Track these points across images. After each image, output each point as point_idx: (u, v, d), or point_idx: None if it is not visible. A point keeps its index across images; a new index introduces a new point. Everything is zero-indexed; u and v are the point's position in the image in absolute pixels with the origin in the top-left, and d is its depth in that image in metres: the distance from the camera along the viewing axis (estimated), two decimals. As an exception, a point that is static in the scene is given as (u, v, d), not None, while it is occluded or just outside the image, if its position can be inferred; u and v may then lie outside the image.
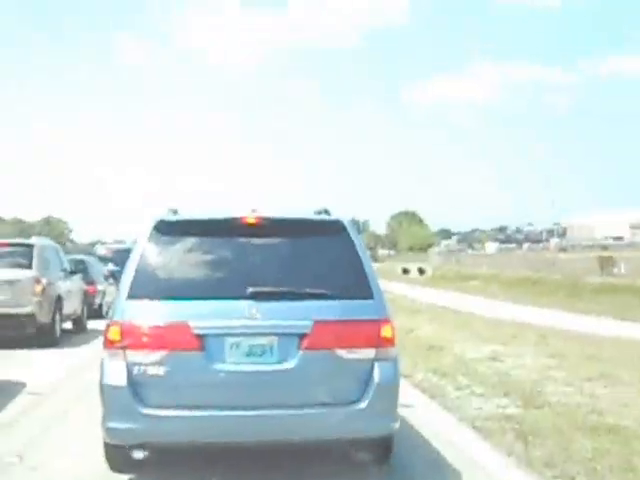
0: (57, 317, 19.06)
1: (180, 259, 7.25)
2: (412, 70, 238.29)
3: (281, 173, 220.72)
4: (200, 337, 6.82)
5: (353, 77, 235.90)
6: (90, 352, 15.42)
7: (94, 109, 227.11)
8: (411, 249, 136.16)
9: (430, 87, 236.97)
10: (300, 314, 6.91)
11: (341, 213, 7.87)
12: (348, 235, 7.40)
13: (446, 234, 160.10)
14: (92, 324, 22.03)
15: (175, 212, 7.80)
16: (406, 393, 11.01)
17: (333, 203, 8.78)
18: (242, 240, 7.36)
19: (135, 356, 6.82)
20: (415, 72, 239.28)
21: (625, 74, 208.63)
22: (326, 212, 7.90)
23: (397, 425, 7.23)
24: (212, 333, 6.85)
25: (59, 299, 19.37)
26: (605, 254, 66.57)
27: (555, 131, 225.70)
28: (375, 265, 8.64)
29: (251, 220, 7.40)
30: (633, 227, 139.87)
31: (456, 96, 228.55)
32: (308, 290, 7.06)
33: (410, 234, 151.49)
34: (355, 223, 8.35)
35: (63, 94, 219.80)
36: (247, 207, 7.67)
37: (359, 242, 7.47)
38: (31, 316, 18.00)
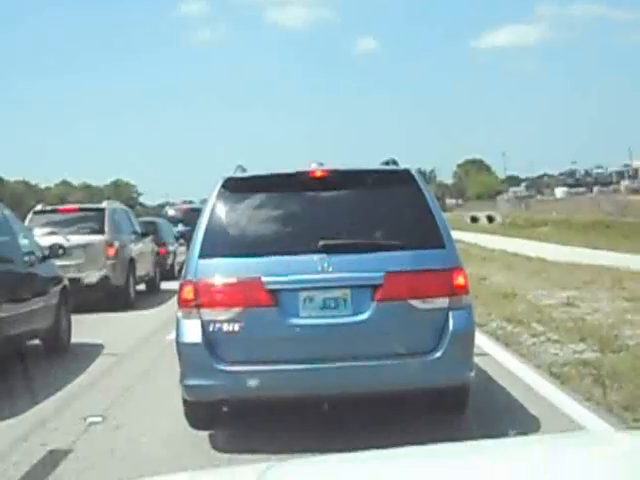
0: (131, 279, 19.32)
1: (250, 216, 7.28)
2: (479, 15, 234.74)
3: (345, 124, 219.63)
4: (273, 292, 6.86)
5: (417, 25, 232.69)
6: (165, 313, 15.59)
7: (153, 71, 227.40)
8: (479, 197, 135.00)
9: (497, 32, 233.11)
10: (372, 266, 6.90)
11: (407, 163, 7.82)
12: (417, 185, 7.36)
13: (514, 181, 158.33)
14: (165, 285, 22.29)
15: (243, 169, 7.83)
16: (481, 342, 11.01)
17: (399, 153, 8.73)
18: (311, 194, 7.36)
19: (209, 314, 6.88)
20: (482, 17, 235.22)
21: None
22: (394, 162, 7.86)
23: (473, 374, 7.22)
24: (285, 288, 6.88)
25: (132, 261, 19.61)
26: (679, 194, 65.47)
27: (622, 71, 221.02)
28: (444, 215, 8.58)
29: (319, 173, 7.39)
30: None
31: (523, 40, 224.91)
32: (379, 241, 7.06)
33: (478, 182, 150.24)
34: (422, 173, 8.30)
35: (126, 57, 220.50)
36: (313, 161, 7.66)
37: (428, 191, 7.42)
38: (105, 279, 18.24)
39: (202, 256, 7.05)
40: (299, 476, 2.03)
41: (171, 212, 39.22)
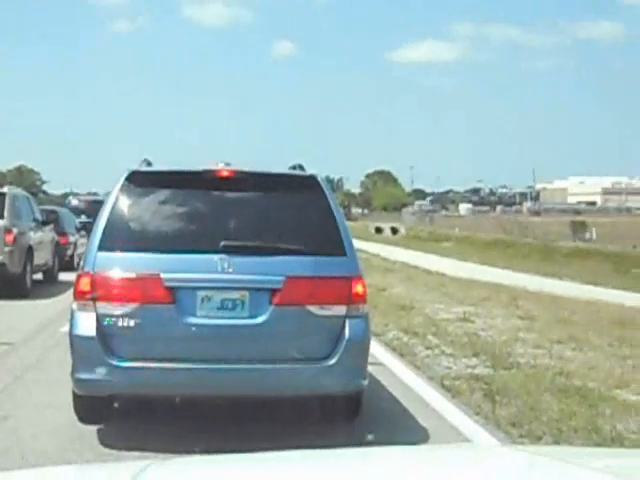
0: (28, 268, 18.92)
1: (153, 211, 7.21)
2: (394, 31, 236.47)
3: (254, 130, 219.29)
4: (171, 290, 6.81)
5: (331, 35, 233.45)
6: (61, 304, 15.34)
7: (66, 59, 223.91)
8: (385, 209, 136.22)
9: (410, 49, 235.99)
10: (272, 269, 6.90)
11: (316, 170, 7.84)
12: (322, 191, 7.38)
13: (420, 194, 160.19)
14: (63, 276, 21.92)
15: (149, 164, 7.75)
16: (376, 351, 11.09)
17: (308, 160, 8.76)
18: (216, 193, 7.33)
19: (105, 308, 6.80)
20: (397, 34, 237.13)
21: (608, 38, 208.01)
22: (300, 167, 7.87)
23: (366, 382, 7.26)
24: (183, 286, 6.84)
25: (30, 249, 19.21)
26: (578, 219, 67.02)
27: (533, 96, 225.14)
28: (349, 223, 8.63)
29: (225, 173, 7.36)
30: (605, 193, 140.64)
31: (436, 57, 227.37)
32: (281, 245, 7.05)
33: (384, 194, 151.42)
34: (329, 181, 8.33)
35: (39, 43, 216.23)
36: (220, 161, 7.63)
37: (333, 198, 7.45)
38: (1, 266, 17.86)
39: (101, 249, 6.96)
40: (178, 475, 2.02)
41: (74, 202, 38.61)
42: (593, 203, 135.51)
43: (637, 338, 12.82)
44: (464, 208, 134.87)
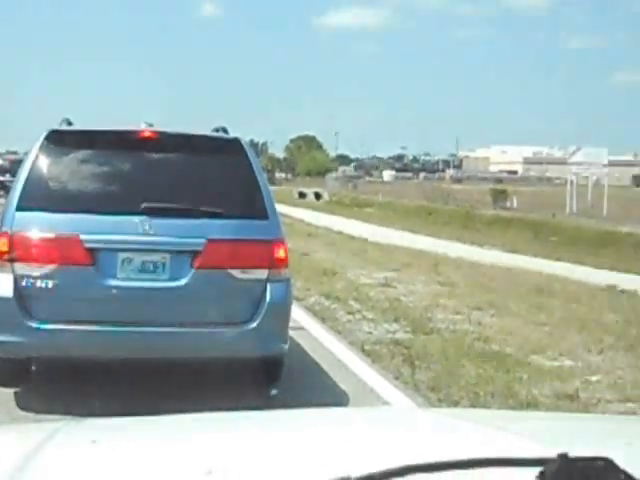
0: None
1: (73, 171, 7.11)
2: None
3: (179, 92, 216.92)
4: (91, 251, 6.73)
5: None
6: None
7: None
8: (309, 174, 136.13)
9: (336, 14, 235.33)
10: (194, 232, 6.86)
11: (240, 134, 7.80)
12: (245, 154, 7.34)
13: (345, 160, 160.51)
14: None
15: (69, 123, 7.62)
16: (298, 316, 11.11)
17: (233, 123, 8.69)
18: (137, 154, 7.25)
19: (23, 269, 6.69)
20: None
21: (530, 8, 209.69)
22: (224, 130, 7.81)
23: (287, 346, 7.28)
24: (104, 247, 6.77)
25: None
26: (499, 187, 67.81)
27: (458, 64, 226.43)
28: (272, 188, 8.61)
29: (147, 134, 7.28)
30: (526, 162, 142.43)
31: (363, 23, 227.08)
32: (203, 208, 7.01)
33: (309, 159, 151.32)
34: (253, 145, 8.29)
35: None
36: (142, 121, 7.54)
37: (256, 162, 7.42)
38: None
39: (19, 209, 6.84)
40: (95, 434, 2.00)
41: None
42: (515, 172, 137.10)
43: (554, 305, 13.07)
44: (387, 174, 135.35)
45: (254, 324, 6.92)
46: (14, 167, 31.24)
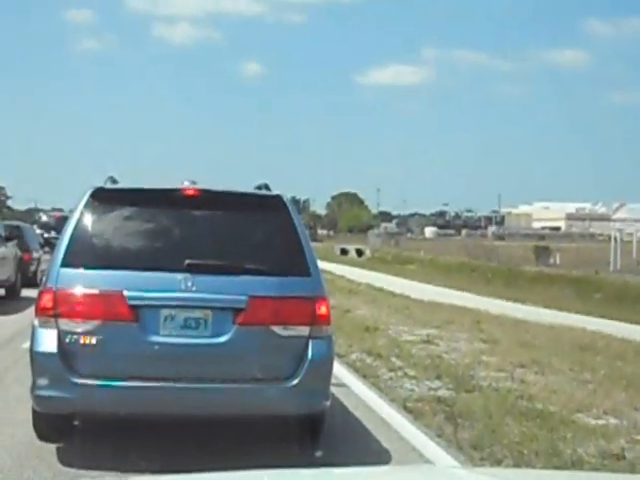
0: (-11, 283, 18.79)
1: (117, 228, 7.19)
2: (363, 53, 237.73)
3: (222, 149, 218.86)
4: (134, 308, 6.78)
5: (300, 57, 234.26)
6: (23, 320, 15.19)
7: (34, 75, 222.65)
8: (351, 230, 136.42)
9: (379, 72, 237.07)
10: (236, 289, 6.89)
11: (282, 191, 7.85)
12: (287, 212, 7.38)
13: (386, 217, 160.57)
14: (26, 292, 21.73)
15: (114, 181, 7.73)
16: (340, 373, 11.09)
17: (275, 180, 8.76)
18: (181, 212, 7.31)
19: (67, 324, 6.76)
20: (366, 55, 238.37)
21: (572, 65, 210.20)
22: (266, 187, 7.87)
23: (328, 403, 7.26)
24: (147, 304, 6.81)
25: (-8, 265, 19.07)
26: (541, 244, 67.44)
27: (500, 120, 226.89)
28: (314, 244, 8.65)
29: (190, 192, 7.36)
30: (569, 218, 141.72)
31: (404, 81, 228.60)
32: (245, 265, 7.05)
33: (350, 215, 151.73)
34: (295, 201, 8.35)
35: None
36: (186, 179, 7.62)
37: (298, 219, 7.46)
38: (-37, 281, 17.72)
39: (64, 265, 6.92)
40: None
41: (44, 218, 38.88)
42: (557, 228, 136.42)
43: (597, 362, 12.92)
44: (429, 231, 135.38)
45: (296, 381, 6.91)
46: (59, 224, 31.68)
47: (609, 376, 11.69)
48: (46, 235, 29.56)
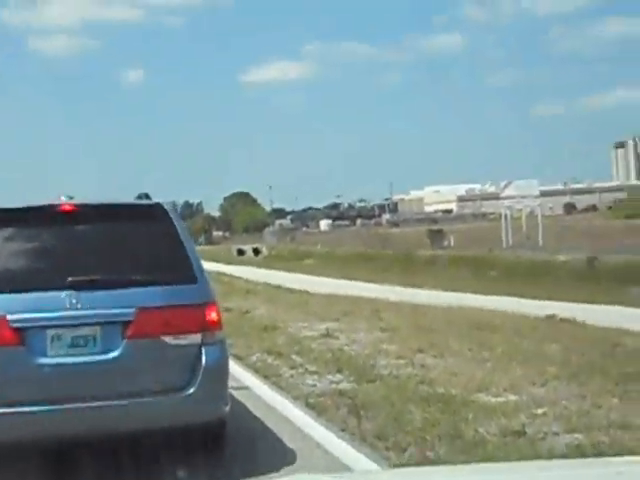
0: None
1: None
2: (245, 51, 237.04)
3: (109, 160, 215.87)
4: (19, 330, 6.60)
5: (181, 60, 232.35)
6: None
7: None
8: (246, 230, 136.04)
9: (260, 69, 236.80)
10: (122, 302, 6.76)
11: (172, 196, 7.74)
12: (169, 219, 7.28)
13: (280, 214, 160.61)
14: None
15: (-13, 202, 7.51)
16: (241, 375, 11.03)
17: (164, 187, 8.63)
18: (60, 228, 7.14)
19: None
20: (248, 54, 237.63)
21: (449, 50, 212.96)
22: (147, 196, 7.78)
23: (228, 408, 7.19)
24: (32, 326, 6.63)
25: None
26: (435, 227, 68.31)
27: (385, 109, 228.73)
28: (210, 248, 8.56)
29: (68, 207, 7.19)
30: (460, 200, 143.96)
31: (288, 77, 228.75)
32: (130, 277, 6.92)
33: (244, 215, 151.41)
34: (188, 205, 8.24)
35: None
36: (62, 194, 7.45)
37: (181, 226, 7.36)
38: None
39: None
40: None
41: None
42: (449, 211, 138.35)
43: (496, 340, 13.10)
44: (324, 224, 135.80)
45: (192, 389, 6.82)
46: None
47: (507, 353, 11.86)
48: None
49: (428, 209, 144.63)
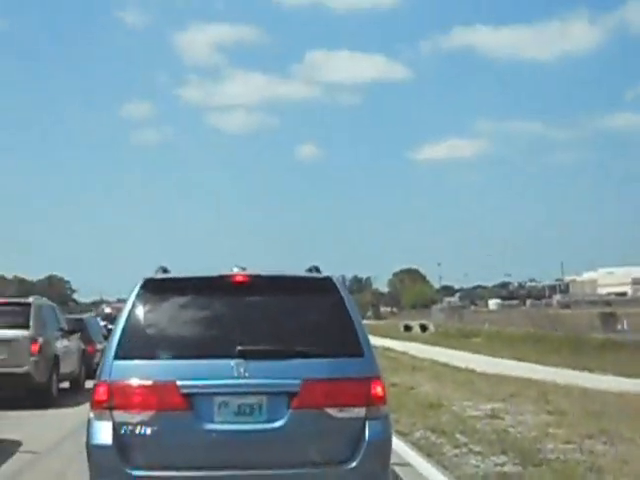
0: (54, 377, 19.01)
1: (168, 318, 7.19)
2: (415, 128, 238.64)
3: (281, 232, 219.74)
4: (188, 397, 6.75)
5: (352, 137, 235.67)
6: (86, 412, 15.25)
7: (93, 168, 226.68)
8: (414, 306, 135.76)
9: (433, 146, 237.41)
10: (289, 373, 6.83)
11: (343, 271, 7.83)
12: (338, 292, 7.34)
13: (449, 291, 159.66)
14: (90, 384, 21.86)
15: (165, 270, 7.78)
16: (404, 451, 10.95)
17: (335, 260, 8.75)
18: (231, 298, 7.30)
19: (122, 416, 6.75)
20: (418, 131, 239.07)
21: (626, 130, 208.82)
22: (317, 269, 7.86)
23: None
24: (200, 392, 6.78)
25: (56, 358, 19.30)
26: (607, 310, 66.47)
27: (557, 188, 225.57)
28: (378, 322, 8.61)
29: (240, 278, 7.36)
30: (635, 283, 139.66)
31: (457, 155, 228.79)
32: (297, 348, 6.99)
33: (413, 291, 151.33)
34: (357, 280, 8.33)
35: (63, 147, 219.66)
36: (235, 265, 7.64)
37: (349, 299, 7.41)
38: (27, 375, 17.91)
39: (117, 357, 6.94)
40: None
41: (107, 310, 39.38)
42: (623, 294, 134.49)
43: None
44: (493, 303, 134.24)
45: (354, 463, 6.80)
46: (121, 315, 32.12)
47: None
48: (110, 326, 29.84)
49: (601, 291, 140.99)
